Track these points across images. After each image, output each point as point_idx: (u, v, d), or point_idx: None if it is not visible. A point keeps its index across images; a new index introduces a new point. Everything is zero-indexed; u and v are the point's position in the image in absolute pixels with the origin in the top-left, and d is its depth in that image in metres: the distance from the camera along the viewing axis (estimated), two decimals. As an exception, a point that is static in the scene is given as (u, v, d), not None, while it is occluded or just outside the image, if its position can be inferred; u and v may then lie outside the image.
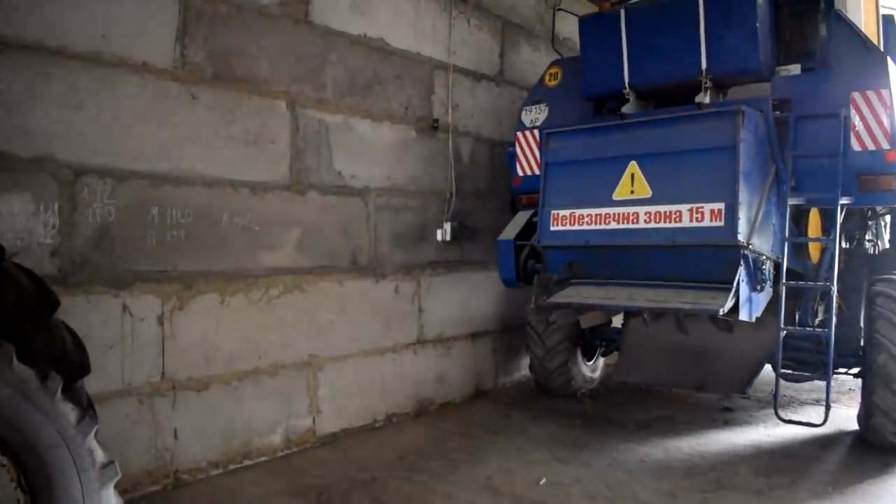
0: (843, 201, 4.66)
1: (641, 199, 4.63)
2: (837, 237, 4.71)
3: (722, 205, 4.35)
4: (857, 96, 4.61)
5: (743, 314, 4.38)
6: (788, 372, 5.05)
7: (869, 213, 5.68)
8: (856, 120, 4.62)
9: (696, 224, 4.42)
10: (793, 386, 6.30)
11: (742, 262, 4.33)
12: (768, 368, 5.23)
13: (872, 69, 4.61)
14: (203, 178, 4.46)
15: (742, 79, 5.01)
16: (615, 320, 6.59)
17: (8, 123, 3.59)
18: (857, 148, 4.63)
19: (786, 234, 4.72)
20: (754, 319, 4.56)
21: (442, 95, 6.23)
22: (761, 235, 4.51)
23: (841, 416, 5.54)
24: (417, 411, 6.00)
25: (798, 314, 5.23)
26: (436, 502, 4.13)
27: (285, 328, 4.96)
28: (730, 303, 4.22)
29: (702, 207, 4.42)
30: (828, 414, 4.71)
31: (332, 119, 5.27)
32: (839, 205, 4.63)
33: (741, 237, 4.28)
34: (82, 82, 3.89)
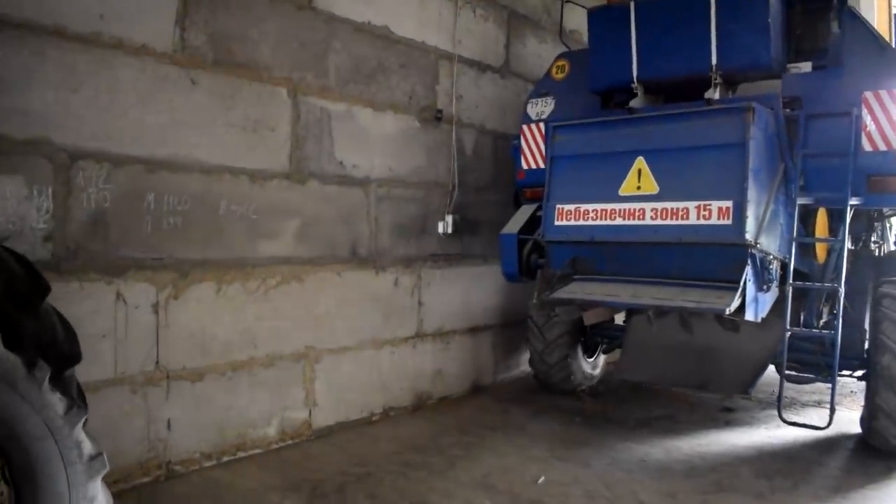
0: (853, 202, 4.58)
1: (648, 196, 4.56)
2: (846, 238, 4.63)
3: (730, 203, 4.27)
4: (870, 96, 4.52)
5: (749, 314, 4.31)
6: (793, 373, 4.98)
7: (875, 215, 5.61)
8: (867, 119, 4.53)
9: (704, 222, 4.35)
10: (794, 387, 6.25)
11: (749, 262, 4.26)
12: (769, 369, 5.16)
13: (886, 68, 4.52)
14: (201, 165, 4.37)
15: (752, 75, 4.92)
16: (617, 317, 6.52)
17: (2, 104, 3.50)
18: (868, 148, 4.54)
19: (794, 234, 4.65)
20: (760, 319, 4.49)
21: (446, 86, 6.13)
22: (769, 235, 4.43)
23: (843, 419, 5.47)
24: (415, 405, 5.93)
25: (803, 315, 5.16)
26: (432, 499, 4.06)
27: (282, 319, 4.88)
28: (736, 302, 4.15)
29: (709, 205, 4.34)
30: (832, 417, 4.65)
31: (335, 107, 5.18)
32: (848, 205, 4.55)
33: (749, 236, 4.20)
34: (79, 64, 3.80)
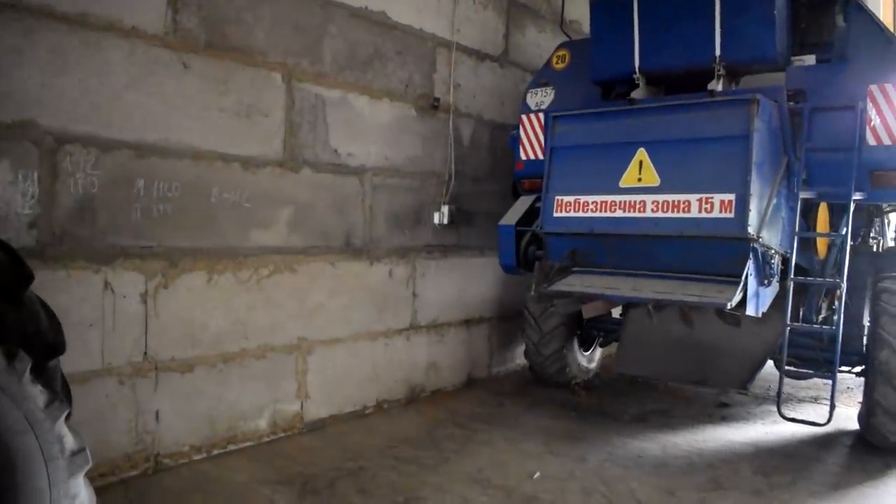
0: (856, 197, 4.51)
1: (649, 188, 4.47)
2: (849, 233, 4.57)
3: (733, 196, 4.20)
4: (875, 89, 4.45)
5: (750, 308, 4.24)
6: (792, 369, 4.93)
7: (874, 210, 5.54)
8: (872, 113, 4.46)
9: (706, 215, 4.27)
10: (790, 383, 6.14)
11: (751, 256, 4.18)
12: (766, 365, 5.10)
13: (892, 62, 4.45)
14: (192, 151, 4.26)
15: (756, 67, 4.83)
16: (614, 311, 6.45)
17: (-14, 85, 3.39)
18: (872, 142, 4.47)
19: (795, 229, 4.58)
20: (761, 314, 4.42)
21: (444, 74, 6.02)
22: (770, 229, 4.35)
23: (840, 416, 5.39)
24: (409, 398, 5.85)
25: (802, 310, 5.11)
26: (426, 494, 3.99)
27: (274, 309, 4.79)
28: (738, 297, 4.08)
29: (711, 198, 4.26)
30: (832, 413, 4.60)
31: (330, 94, 5.07)
32: (852, 200, 4.48)
33: (751, 230, 4.13)
34: (68, 45, 3.68)
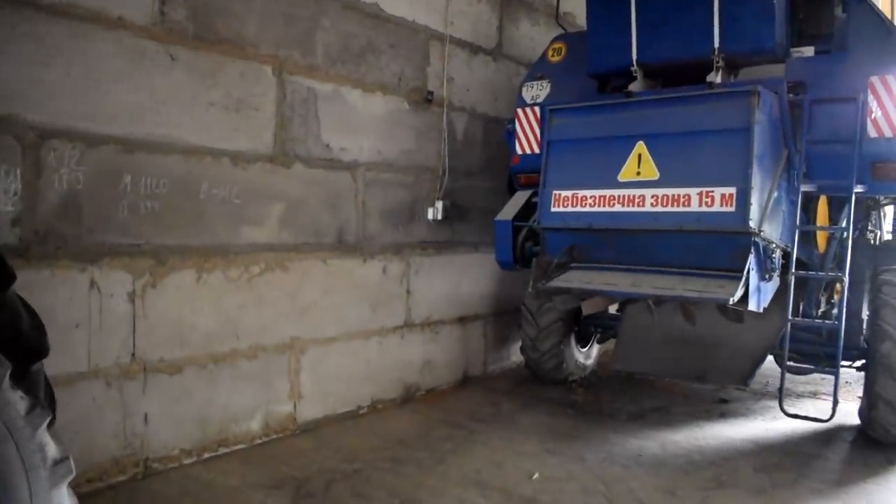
0: (858, 190, 4.45)
1: (648, 181, 4.39)
2: (851, 226, 4.51)
3: (733, 189, 4.12)
4: (876, 81, 4.38)
5: (752, 304, 4.17)
6: (793, 364, 4.88)
7: (871, 203, 5.49)
8: (873, 105, 4.38)
9: (706, 209, 4.19)
10: (789, 377, 6.06)
11: (753, 250, 4.11)
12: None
13: (893, 53, 4.38)
14: (181, 146, 4.14)
15: (755, 59, 4.74)
16: (611, 307, 6.37)
17: (-35, 78, 3.27)
18: (874, 134, 4.40)
19: (796, 222, 4.51)
20: (762, 310, 4.35)
21: (437, 67, 5.91)
22: (771, 223, 4.28)
23: (839, 411, 5.28)
24: (403, 398, 5.75)
25: (801, 305, 5.05)
26: (422, 497, 3.90)
27: (266, 308, 4.68)
28: (740, 292, 4.00)
29: (712, 191, 4.18)
30: (835, 409, 4.55)
31: (322, 87, 4.96)
32: (854, 193, 4.42)
33: (753, 224, 4.05)
34: (51, 36, 3.55)
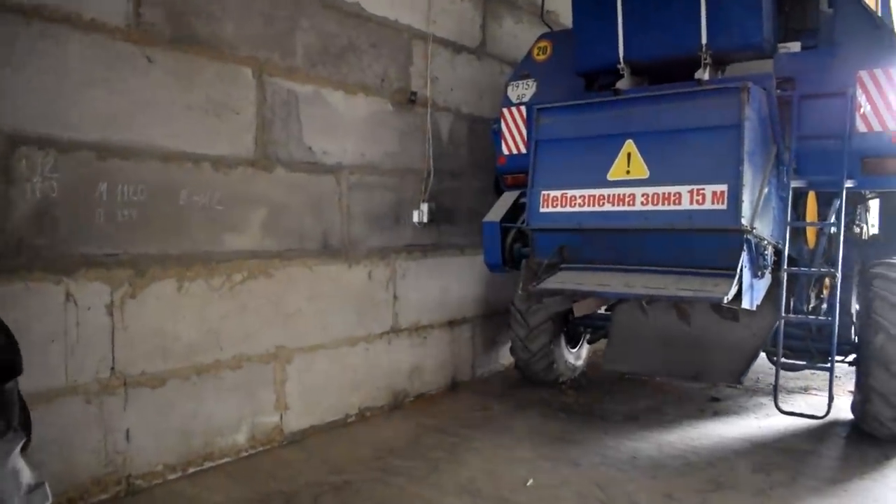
0: (848, 185, 4.42)
1: (638, 180, 4.33)
2: (842, 222, 4.48)
3: (725, 187, 4.07)
4: (865, 75, 4.35)
5: (745, 301, 4.13)
6: (786, 361, 4.85)
7: (857, 198, 5.48)
8: (862, 100, 4.36)
9: (697, 207, 4.14)
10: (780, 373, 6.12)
11: (745, 248, 4.07)
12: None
13: (881, 46, 4.35)
14: (159, 151, 4.01)
15: (743, 55, 4.70)
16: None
17: (-72, 82, 3.12)
18: (863, 129, 4.38)
19: (787, 218, 4.48)
20: (755, 307, 4.31)
21: (420, 67, 5.81)
22: (763, 220, 4.24)
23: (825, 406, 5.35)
24: (392, 405, 5.64)
25: (792, 301, 5.01)
26: (417, 508, 3.81)
27: (250, 317, 4.55)
28: (734, 290, 3.96)
29: (703, 189, 4.13)
30: (831, 405, 4.52)
31: (303, 89, 4.84)
32: (844, 188, 4.39)
33: (745, 221, 4.01)
34: (21, 38, 3.42)
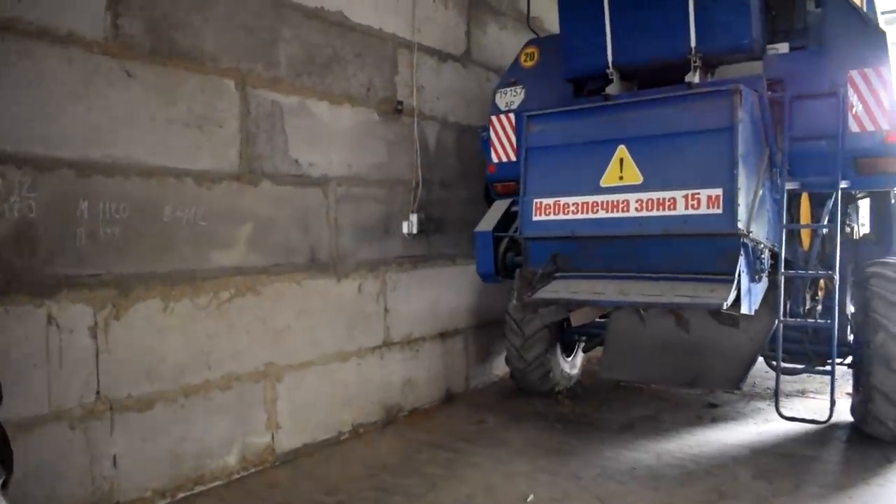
0: (843, 185, 4.39)
1: (631, 186, 4.27)
2: (838, 223, 4.45)
3: (720, 190, 4.01)
4: (856, 74, 4.33)
5: (744, 307, 4.06)
6: (787, 366, 4.79)
7: (848, 198, 5.46)
8: (854, 100, 4.33)
9: (692, 211, 4.08)
10: (774, 377, 6.05)
11: (742, 252, 4.01)
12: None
13: (871, 46, 4.33)
14: (140, 167, 3.89)
15: (733, 57, 4.66)
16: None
17: None
18: (855, 129, 4.35)
19: (783, 221, 4.44)
20: (753, 312, 4.25)
21: (406, 76, 5.73)
22: (758, 223, 4.18)
23: (824, 409, 5.24)
24: (385, 420, 5.53)
25: (788, 304, 4.97)
26: (416, 528, 3.70)
27: (238, 335, 4.43)
28: (732, 295, 3.89)
29: (698, 194, 4.07)
30: (833, 410, 4.47)
31: (287, 100, 4.74)
32: (839, 189, 4.36)
33: (741, 225, 3.95)
34: (-6, 55, 3.30)
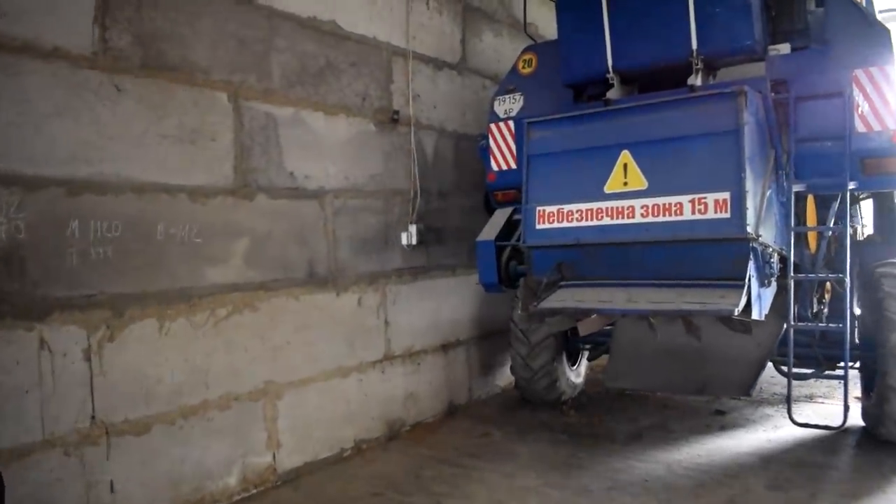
0: (851, 186, 4.31)
1: (637, 192, 4.17)
2: (848, 224, 4.37)
3: (727, 194, 3.92)
4: (861, 74, 4.25)
5: (754, 312, 3.98)
6: (798, 371, 4.70)
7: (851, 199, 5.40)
8: (859, 99, 4.25)
9: (700, 216, 3.98)
10: (782, 381, 5.97)
11: (752, 256, 3.92)
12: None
13: (875, 44, 4.25)
14: (132, 184, 3.78)
15: (735, 59, 4.58)
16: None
17: None
18: (862, 129, 4.26)
19: (791, 224, 4.36)
20: (763, 317, 4.17)
21: (401, 85, 5.64)
22: (766, 226, 4.10)
23: (834, 414, 5.21)
24: (388, 436, 5.41)
25: (796, 307, 4.89)
26: (425, 549, 3.59)
27: (236, 353, 4.32)
28: (743, 301, 3.80)
29: (705, 198, 3.98)
30: (847, 415, 4.39)
31: (281, 112, 4.64)
32: (847, 190, 4.28)
33: (750, 229, 3.86)
34: (-23, 71, 3.20)
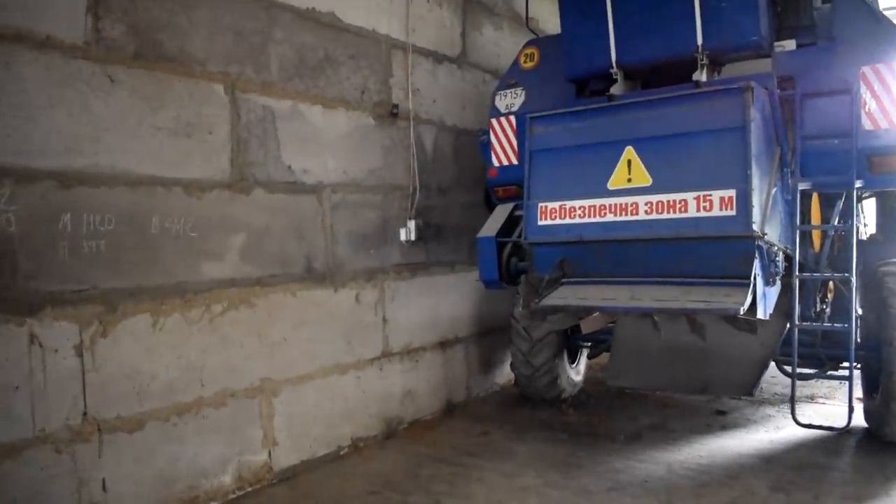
0: (858, 185, 4.25)
1: (640, 188, 4.11)
2: (854, 223, 4.32)
3: (733, 192, 3.86)
4: (868, 71, 4.19)
5: (759, 311, 3.93)
6: (801, 371, 4.65)
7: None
8: (867, 97, 4.20)
9: (705, 214, 3.93)
10: (784, 381, 5.92)
11: (757, 255, 3.86)
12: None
13: (884, 41, 4.19)
14: (126, 177, 3.70)
15: (741, 55, 4.51)
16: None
17: None
18: (869, 127, 4.21)
19: (796, 222, 4.30)
20: (768, 316, 4.11)
21: (401, 78, 5.56)
22: (772, 224, 4.04)
23: (836, 415, 5.16)
24: (386, 433, 5.34)
25: (799, 307, 4.83)
26: (422, 550, 3.52)
27: (232, 350, 4.25)
28: (749, 299, 3.75)
29: (710, 195, 3.92)
30: (851, 416, 4.34)
31: (279, 105, 4.56)
32: (855, 188, 4.22)
33: (756, 227, 3.80)
34: (-32, 61, 3.12)
